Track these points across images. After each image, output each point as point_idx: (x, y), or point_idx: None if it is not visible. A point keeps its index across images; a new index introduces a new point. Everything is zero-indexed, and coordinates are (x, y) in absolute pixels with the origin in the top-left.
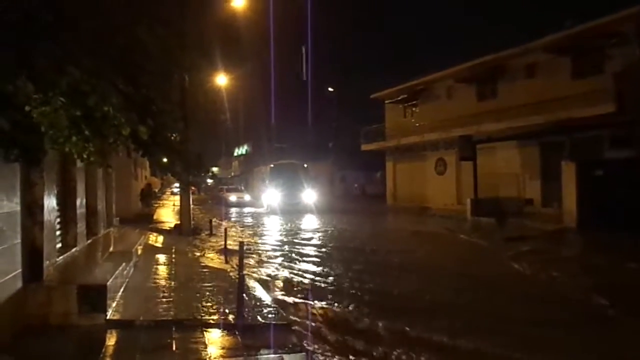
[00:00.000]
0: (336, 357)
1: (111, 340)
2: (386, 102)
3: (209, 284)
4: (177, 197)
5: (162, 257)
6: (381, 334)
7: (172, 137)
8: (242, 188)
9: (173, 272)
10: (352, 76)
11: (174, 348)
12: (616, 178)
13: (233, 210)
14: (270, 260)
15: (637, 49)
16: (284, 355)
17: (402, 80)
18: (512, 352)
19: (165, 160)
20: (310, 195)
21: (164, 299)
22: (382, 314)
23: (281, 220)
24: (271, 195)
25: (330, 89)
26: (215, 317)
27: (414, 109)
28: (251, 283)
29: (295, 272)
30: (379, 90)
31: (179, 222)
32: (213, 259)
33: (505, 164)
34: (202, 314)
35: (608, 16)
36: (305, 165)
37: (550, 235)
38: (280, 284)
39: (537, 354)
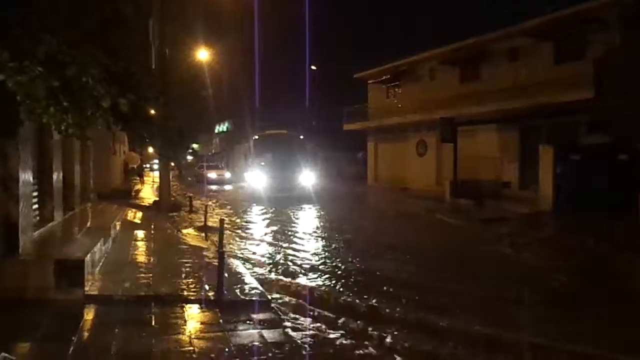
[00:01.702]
0: (313, 332)
1: (89, 315)
2: (369, 82)
3: (189, 261)
4: (156, 174)
5: (141, 233)
6: (360, 310)
7: (153, 112)
8: (223, 166)
9: (152, 248)
10: (337, 55)
11: (153, 323)
12: (592, 163)
13: (213, 187)
14: (251, 237)
15: (617, 36)
16: (263, 331)
17: (385, 60)
18: (483, 328)
19: (146, 135)
20: (308, 177)
21: (143, 275)
22: (361, 292)
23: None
24: (256, 177)
25: (312, 67)
26: (194, 293)
27: (396, 89)
28: (231, 260)
29: (276, 249)
30: (363, 70)
31: (158, 199)
32: (193, 236)
33: (484, 146)
34: (182, 290)
35: (589, 2)
36: (302, 137)
37: (526, 217)
38: (260, 261)
39: (508, 331)
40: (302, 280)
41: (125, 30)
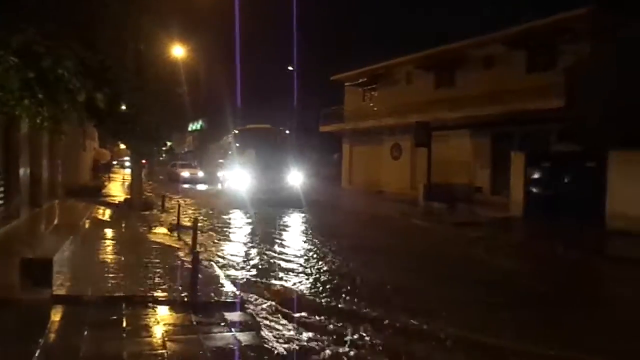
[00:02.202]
0: (289, 334)
1: (57, 315)
2: (346, 84)
3: (161, 261)
4: (127, 171)
5: (111, 232)
6: (334, 312)
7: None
8: (196, 164)
9: (123, 247)
10: (315, 56)
11: (124, 324)
12: (562, 170)
13: (186, 186)
14: (225, 237)
15: (587, 47)
16: (238, 334)
17: (362, 63)
18: (456, 330)
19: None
20: (296, 177)
21: (114, 275)
22: (337, 294)
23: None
24: (237, 177)
25: (290, 68)
26: (167, 294)
27: (373, 92)
28: (204, 260)
29: (250, 250)
30: (340, 72)
31: (129, 197)
32: (165, 236)
33: (458, 151)
34: (154, 291)
35: (561, 14)
36: (288, 132)
37: (498, 222)
38: (234, 261)
39: (479, 333)
40: (277, 281)
41: (103, 23)
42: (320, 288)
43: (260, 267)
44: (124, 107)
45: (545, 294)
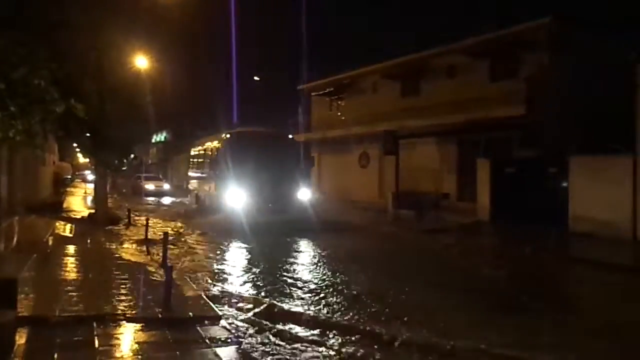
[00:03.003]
0: (269, 346)
1: (23, 338)
2: (313, 94)
3: (131, 277)
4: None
5: (76, 249)
6: (310, 321)
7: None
8: (161, 177)
9: (90, 264)
10: (280, 67)
11: (96, 345)
12: (524, 175)
13: (151, 199)
14: (196, 251)
15: (546, 57)
16: (217, 349)
17: (329, 73)
18: (430, 336)
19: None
20: (305, 194)
21: (82, 293)
22: (315, 304)
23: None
24: (230, 193)
25: (256, 78)
26: (140, 311)
27: (339, 102)
28: (177, 275)
29: (223, 264)
30: (307, 82)
31: (93, 211)
32: (133, 251)
33: (425, 159)
34: (126, 309)
35: (522, 24)
36: (291, 137)
37: (466, 227)
38: (207, 275)
39: (453, 337)
40: (252, 292)
41: (71, 33)
42: (297, 298)
43: (236, 277)
44: (86, 118)
45: (520, 297)
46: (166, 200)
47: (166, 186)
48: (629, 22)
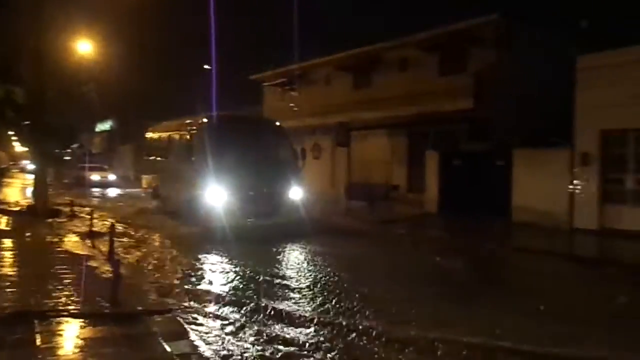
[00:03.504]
0: (220, 339)
1: None
2: (265, 84)
3: (75, 271)
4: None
5: (14, 242)
6: (269, 314)
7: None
8: (106, 167)
9: (30, 258)
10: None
11: (37, 342)
12: (471, 168)
13: (96, 190)
14: (143, 243)
15: (493, 53)
16: (166, 343)
17: (282, 63)
18: (392, 326)
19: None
20: (297, 192)
21: (22, 289)
22: (269, 296)
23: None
24: (208, 192)
25: (206, 67)
26: (85, 306)
27: (292, 93)
28: (127, 270)
29: (171, 255)
30: (259, 72)
31: (32, 203)
32: (77, 244)
33: (376, 151)
34: (70, 303)
35: (470, 20)
36: (278, 124)
37: (416, 218)
38: (156, 267)
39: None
40: (204, 286)
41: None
42: (253, 291)
43: (185, 272)
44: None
45: (469, 286)
46: (113, 192)
47: (112, 177)
48: (570, 19)
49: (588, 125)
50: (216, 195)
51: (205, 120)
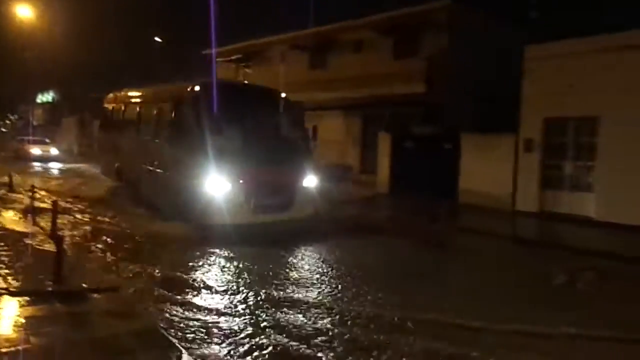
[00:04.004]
0: (169, 315)
1: None
2: (219, 60)
3: (14, 248)
4: None
5: None
6: (220, 292)
7: None
8: (48, 141)
9: None
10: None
11: None
12: (422, 151)
13: (37, 165)
14: (87, 220)
15: (445, 38)
16: (113, 320)
17: (236, 39)
18: (333, 302)
19: None
20: (311, 182)
21: None
22: (213, 278)
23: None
24: (208, 182)
25: (157, 39)
26: (26, 284)
27: (247, 70)
28: (72, 248)
29: (116, 232)
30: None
31: None
32: (15, 220)
33: (331, 132)
34: (10, 281)
35: (423, 5)
36: (284, 96)
37: (368, 199)
38: (99, 244)
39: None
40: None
41: None
42: (206, 272)
43: (132, 249)
44: None
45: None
46: (55, 166)
47: (54, 151)
48: (521, 9)
49: (533, 113)
50: (216, 184)
51: (198, 87)
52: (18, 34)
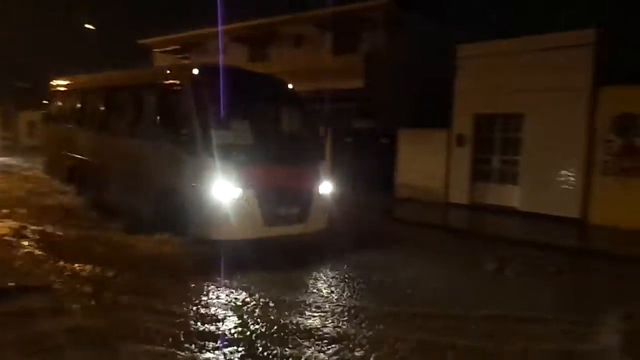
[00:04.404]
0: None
1: None
2: (155, 50)
3: None
4: None
5: None
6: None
7: None
8: None
9: None
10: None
11: None
12: (361, 146)
13: None
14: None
15: (383, 35)
16: (41, 320)
17: (174, 30)
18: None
19: None
20: (326, 188)
21: None
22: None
23: None
24: (213, 188)
25: (89, 26)
26: None
27: (185, 61)
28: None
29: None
30: (149, 36)
31: None
32: None
33: None
34: None
35: (361, 2)
36: (291, 87)
37: None
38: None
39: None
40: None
41: None
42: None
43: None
44: None
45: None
46: None
47: None
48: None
49: (464, 109)
50: (223, 190)
51: (197, 71)
52: None
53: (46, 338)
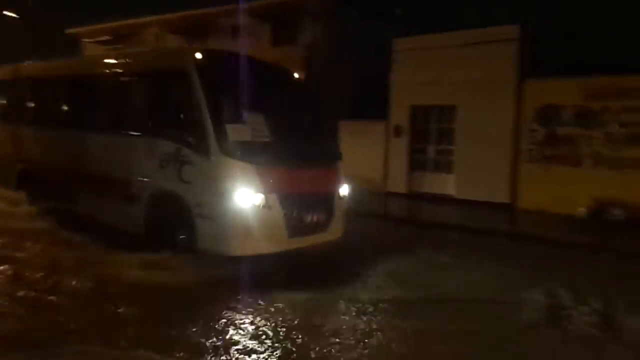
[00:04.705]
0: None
1: None
2: (85, 40)
3: None
4: None
5: None
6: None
7: None
8: None
9: None
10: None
11: None
12: None
13: None
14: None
15: (322, 26)
16: None
17: (104, 19)
18: None
19: None
20: (345, 190)
21: None
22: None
23: None
24: (236, 193)
25: (11, 14)
26: None
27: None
28: None
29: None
30: (78, 25)
31: None
32: None
33: None
34: None
35: None
36: (298, 76)
37: None
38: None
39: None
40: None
41: None
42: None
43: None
44: None
45: None
46: None
47: None
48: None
49: (401, 101)
50: (241, 197)
51: (200, 55)
52: None
53: None
